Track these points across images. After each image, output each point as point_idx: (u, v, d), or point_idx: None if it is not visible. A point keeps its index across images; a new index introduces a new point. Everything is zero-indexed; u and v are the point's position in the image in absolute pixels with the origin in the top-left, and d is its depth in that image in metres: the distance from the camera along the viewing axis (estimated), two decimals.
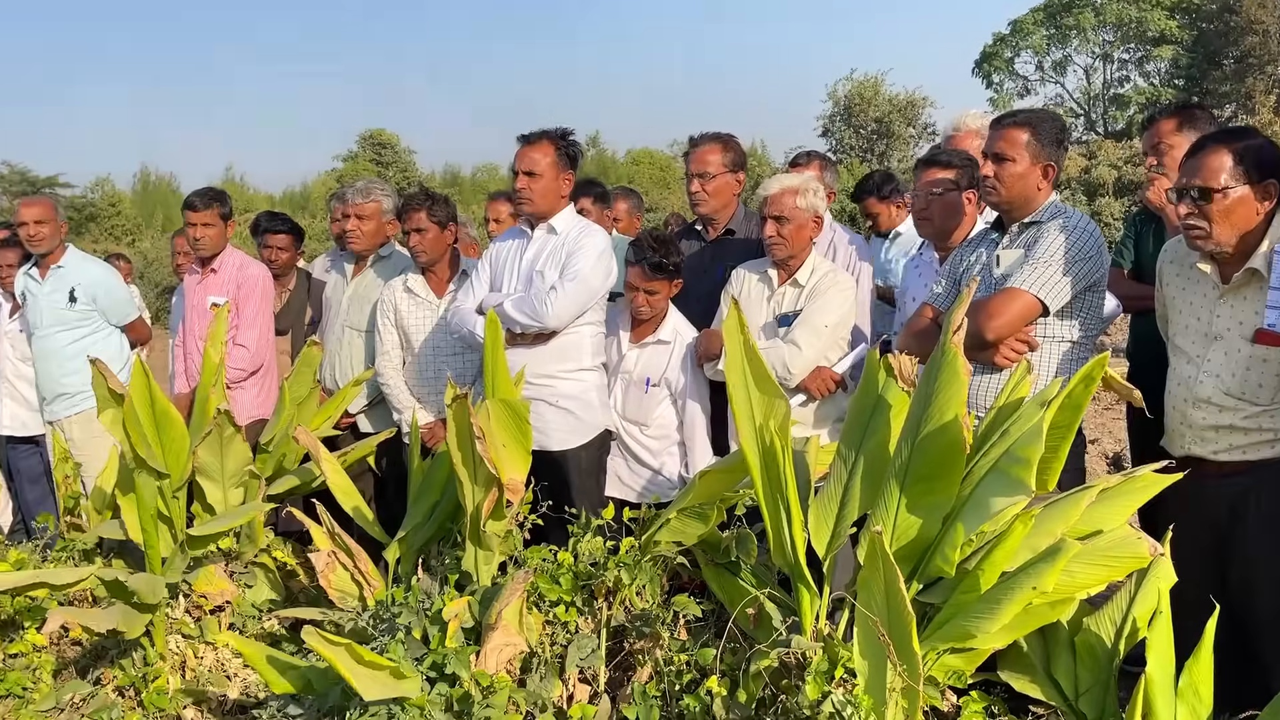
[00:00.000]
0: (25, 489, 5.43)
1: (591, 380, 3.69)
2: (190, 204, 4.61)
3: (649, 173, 42.44)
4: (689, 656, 2.67)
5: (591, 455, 3.66)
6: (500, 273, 3.79)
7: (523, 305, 3.56)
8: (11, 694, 3.47)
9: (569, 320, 3.58)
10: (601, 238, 3.70)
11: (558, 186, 3.67)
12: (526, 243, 3.76)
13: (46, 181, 36.97)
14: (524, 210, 3.71)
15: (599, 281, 3.63)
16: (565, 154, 3.66)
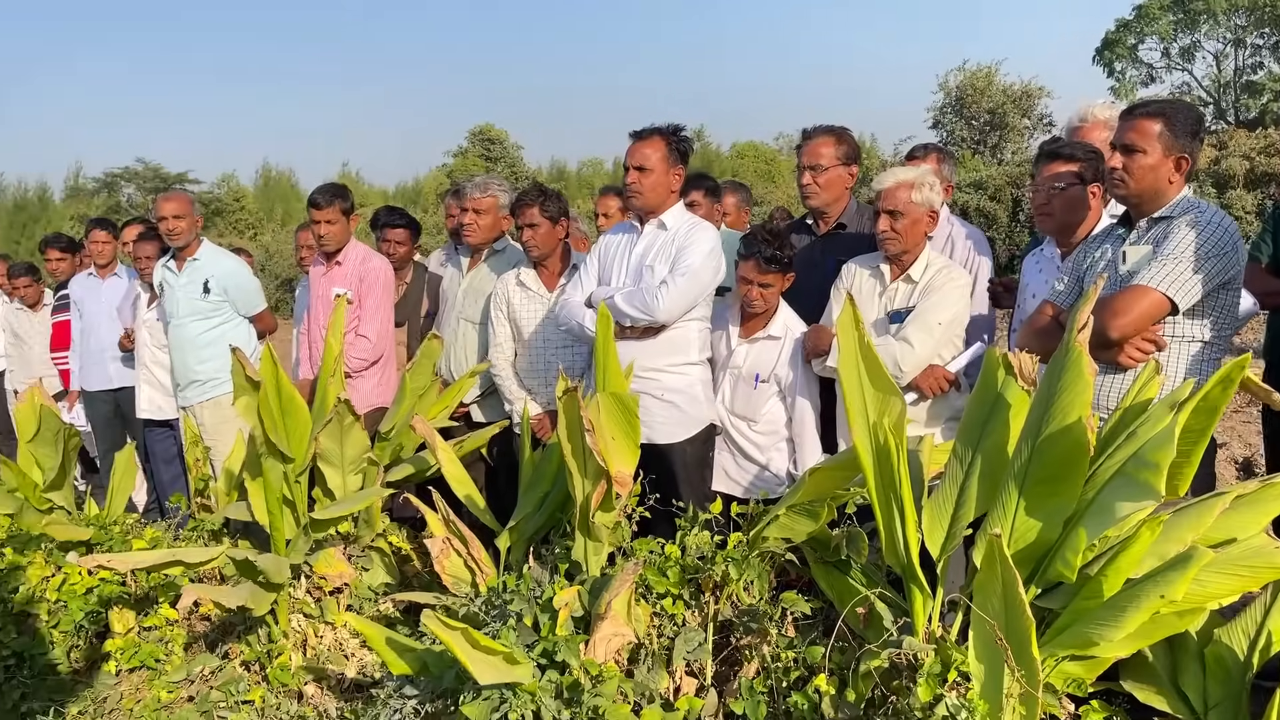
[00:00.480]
0: (160, 470, 5.72)
1: (697, 375, 3.70)
2: (314, 202, 4.76)
3: (753, 166, 42.14)
4: (796, 653, 2.66)
5: (697, 449, 3.66)
6: (609, 267, 3.82)
7: (633, 299, 3.58)
8: (146, 665, 3.67)
9: (679, 315, 3.59)
10: (711, 234, 3.70)
11: (667, 182, 3.68)
12: (636, 237, 3.78)
13: (177, 178, 38.86)
14: (634, 205, 3.73)
15: (709, 277, 3.64)
16: (676, 150, 3.66)
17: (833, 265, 3.72)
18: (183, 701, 3.51)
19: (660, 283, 3.57)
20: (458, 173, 39.67)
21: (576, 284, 3.87)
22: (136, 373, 5.67)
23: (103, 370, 5.96)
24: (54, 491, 4.26)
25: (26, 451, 4.22)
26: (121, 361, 5.93)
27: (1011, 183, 18.11)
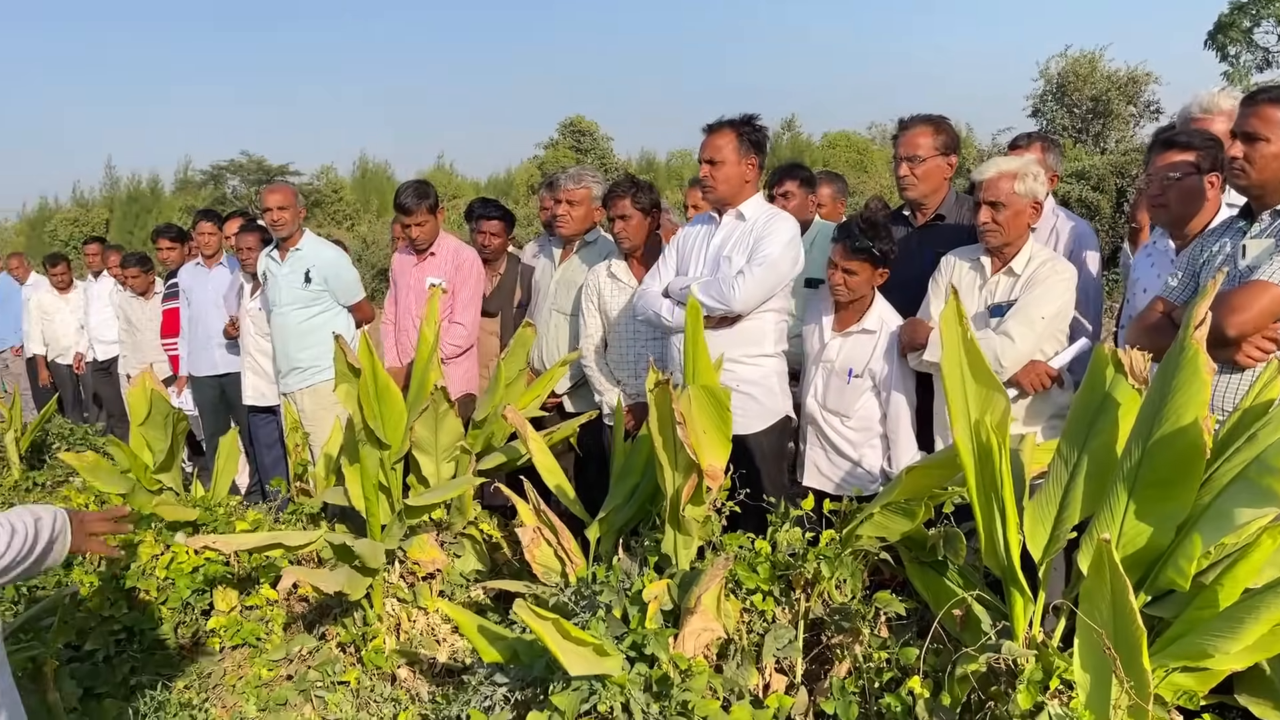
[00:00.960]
0: (263, 454, 5.91)
1: (772, 366, 3.69)
2: (403, 208, 4.86)
3: (845, 156, 41.51)
4: (890, 654, 2.61)
5: (773, 441, 3.63)
6: (687, 258, 3.83)
7: (710, 289, 3.59)
8: (247, 643, 3.79)
9: (755, 304, 3.59)
10: (790, 224, 3.67)
11: (741, 172, 3.66)
12: (714, 228, 3.78)
13: (279, 170, 40.02)
14: (709, 198, 3.74)
15: (786, 267, 3.61)
16: (748, 140, 3.64)
17: (930, 258, 3.63)
18: (281, 680, 3.61)
19: (737, 273, 3.56)
20: (548, 164, 40.02)
21: (655, 275, 3.89)
22: (241, 360, 5.86)
23: (209, 356, 6.18)
24: (163, 473, 4.43)
25: (138, 434, 4.40)
26: (226, 348, 6.14)
27: (1116, 172, 17.47)
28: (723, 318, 3.59)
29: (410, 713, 3.15)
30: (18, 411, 6.66)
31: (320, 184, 41.12)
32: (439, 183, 43.17)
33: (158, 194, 43.66)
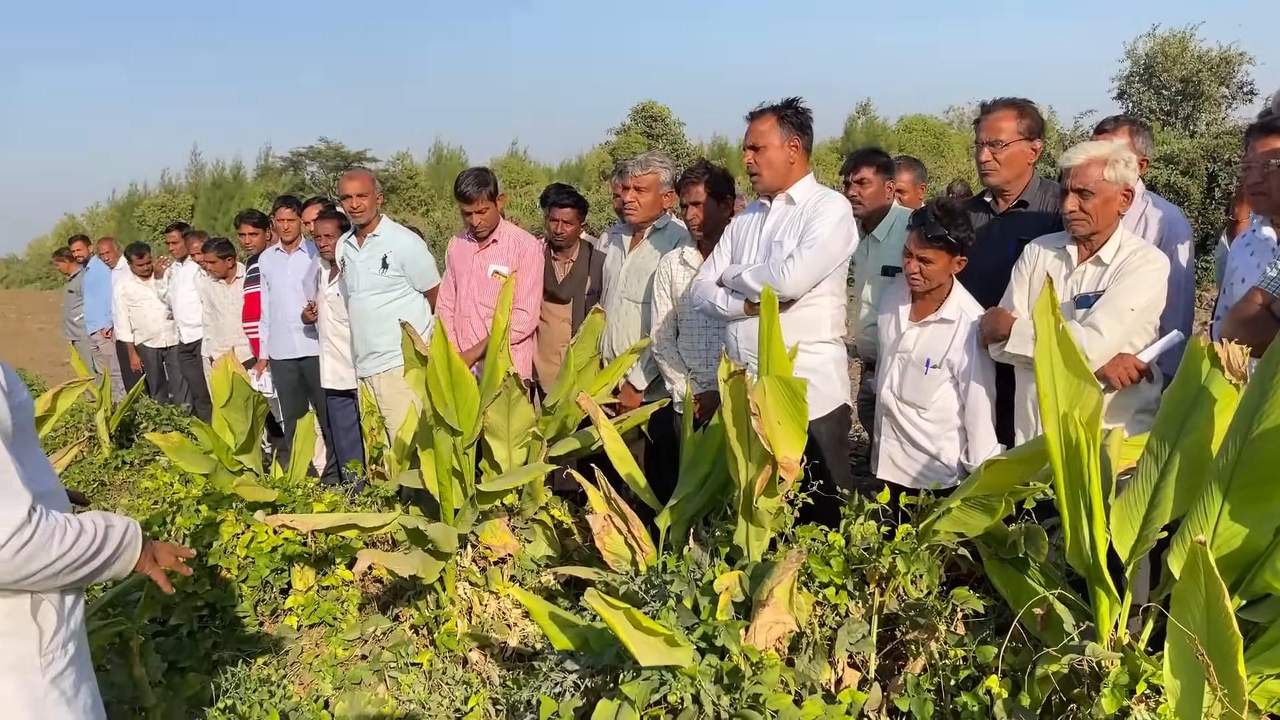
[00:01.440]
0: (340, 436, 6.02)
1: (830, 353, 3.66)
2: (464, 196, 4.92)
3: (922, 140, 40.73)
4: (966, 652, 2.55)
5: (832, 429, 3.59)
6: (741, 246, 3.80)
7: (760, 274, 3.56)
8: (324, 622, 3.86)
9: (806, 287, 3.54)
10: (840, 204, 3.61)
11: (786, 155, 3.62)
12: (765, 215, 3.75)
13: (356, 156, 40.75)
14: (757, 185, 3.71)
15: (838, 248, 3.56)
16: (790, 123, 3.60)
17: (1012, 246, 3.53)
18: (356, 659, 3.67)
19: (787, 257, 3.53)
20: (620, 150, 40.00)
21: (710, 264, 3.88)
22: (319, 344, 5.97)
23: (288, 340, 6.31)
24: (244, 454, 4.53)
25: (220, 416, 4.50)
26: (304, 332, 6.26)
27: (1207, 156, 16.82)
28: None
29: (481, 696, 3.18)
30: (108, 392, 6.89)
31: (396, 170, 41.75)
32: (512, 169, 43.68)
33: (240, 180, 44.82)
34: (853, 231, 3.63)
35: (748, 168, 3.70)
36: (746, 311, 3.66)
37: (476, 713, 3.10)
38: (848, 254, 3.66)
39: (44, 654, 1.69)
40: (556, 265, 5.09)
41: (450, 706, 3.21)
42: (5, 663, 1.64)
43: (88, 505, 2.24)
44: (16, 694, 1.64)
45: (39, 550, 1.59)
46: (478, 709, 3.12)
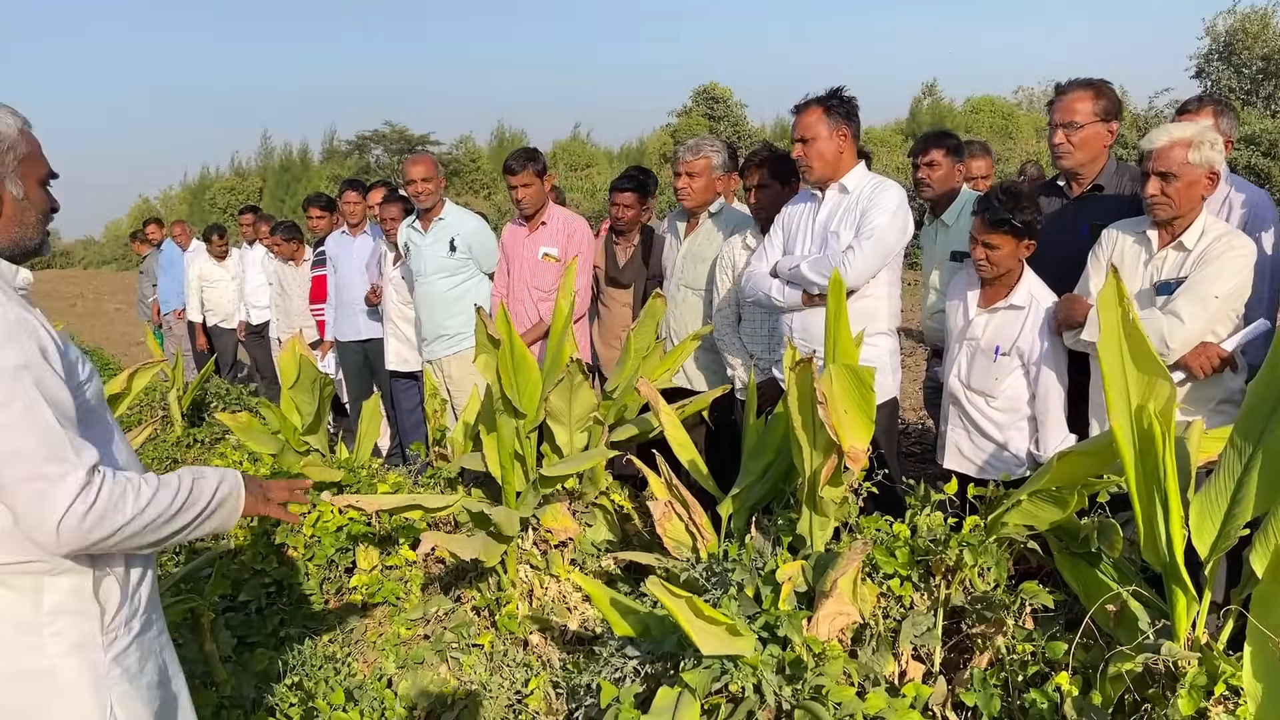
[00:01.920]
0: (404, 418, 6.09)
1: (886, 345, 3.67)
2: (509, 168, 4.99)
3: (989, 122, 39.88)
4: (1035, 647, 2.50)
5: (884, 420, 3.52)
6: (793, 236, 3.78)
7: (820, 266, 3.55)
8: (388, 601, 3.92)
9: (867, 278, 3.54)
10: (895, 192, 3.60)
11: (835, 146, 3.61)
12: (818, 204, 3.73)
13: (420, 139, 41.15)
14: (808, 178, 3.70)
15: (895, 238, 3.56)
16: (837, 112, 3.59)
17: (1086, 231, 3.42)
18: (419, 639, 3.72)
19: (846, 248, 3.52)
20: (681, 132, 39.78)
21: (761, 255, 3.86)
22: (384, 326, 6.04)
23: (354, 322, 6.40)
24: (310, 435, 4.61)
25: (287, 397, 4.58)
26: (368, 315, 6.34)
27: None
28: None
29: (542, 679, 3.19)
30: (180, 372, 7.05)
31: (459, 153, 42.06)
32: (573, 152, 43.72)
33: (307, 163, 45.53)
34: (908, 220, 3.63)
35: (798, 161, 3.69)
36: (804, 303, 3.63)
37: (537, 695, 3.12)
38: (904, 243, 3.65)
39: (106, 632, 1.72)
40: (618, 250, 5.08)
41: (511, 689, 3.23)
42: (68, 641, 1.67)
43: None
44: (79, 672, 1.67)
45: (110, 510, 1.58)
46: (538, 692, 3.14)
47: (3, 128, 1.71)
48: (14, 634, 1.64)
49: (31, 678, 1.64)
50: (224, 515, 1.84)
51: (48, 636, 1.65)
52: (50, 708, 1.66)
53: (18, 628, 1.65)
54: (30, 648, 1.65)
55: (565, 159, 41.61)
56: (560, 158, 42.30)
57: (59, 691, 1.66)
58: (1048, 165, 16.32)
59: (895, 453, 3.73)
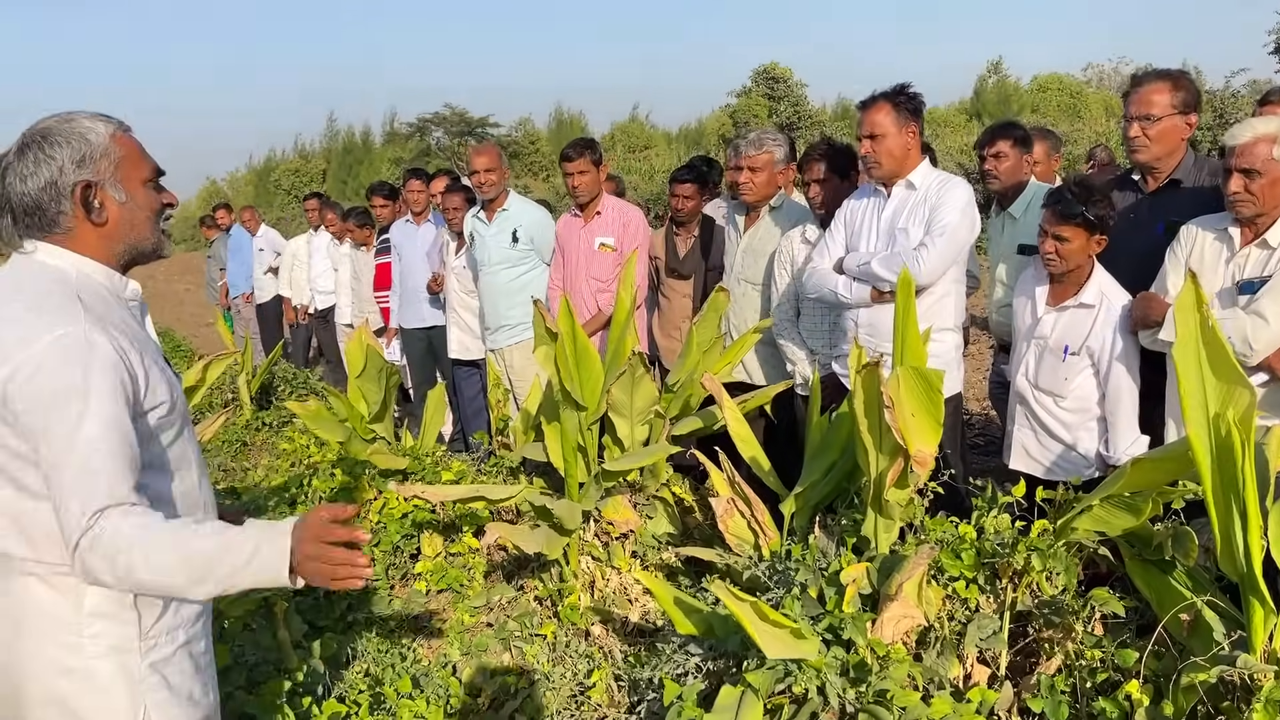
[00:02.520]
0: (465, 405, 6.16)
1: (952, 341, 3.66)
2: (566, 155, 5.05)
3: (1057, 100, 38.98)
4: (1104, 654, 2.46)
5: (947, 418, 3.47)
6: (857, 232, 3.76)
7: (891, 263, 3.52)
8: (451, 588, 3.99)
9: (939, 275, 3.53)
10: (964, 189, 3.59)
11: (904, 142, 3.60)
12: (883, 200, 3.70)
13: (479, 122, 41.36)
14: (875, 174, 3.67)
15: (965, 234, 3.56)
16: (905, 109, 3.58)
17: (1162, 228, 3.34)
18: (482, 626, 3.78)
19: (918, 245, 3.50)
20: (740, 113, 39.48)
21: (823, 251, 3.83)
22: (446, 315, 6.11)
23: (418, 310, 6.48)
24: (377, 423, 4.70)
25: (355, 386, 4.67)
26: (431, 303, 6.42)
27: None
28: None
29: (604, 671, 3.23)
30: (249, 356, 7.22)
31: (518, 135, 42.22)
32: (632, 134, 43.60)
33: (369, 145, 46.07)
34: (976, 217, 3.62)
35: (864, 158, 3.67)
36: (872, 299, 3.61)
37: (600, 687, 3.16)
38: (972, 239, 3.65)
39: (144, 638, 1.74)
40: (678, 240, 5.08)
41: (574, 679, 3.27)
42: (106, 644, 1.70)
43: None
44: (115, 675, 1.71)
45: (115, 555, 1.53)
46: (600, 684, 3.17)
47: (93, 137, 1.73)
48: (55, 631, 1.69)
49: (70, 675, 1.69)
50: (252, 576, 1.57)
51: (87, 638, 1.69)
52: (85, 706, 1.70)
53: (59, 626, 1.69)
54: (70, 647, 1.69)
55: (623, 140, 41.57)
56: (618, 139, 42.25)
57: (94, 691, 1.70)
58: (1117, 147, 15.89)
59: (960, 449, 3.69)
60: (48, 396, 1.59)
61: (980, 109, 40.59)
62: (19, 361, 1.60)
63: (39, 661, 1.69)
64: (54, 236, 1.74)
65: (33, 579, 1.69)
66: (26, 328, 1.62)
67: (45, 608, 1.69)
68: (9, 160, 1.73)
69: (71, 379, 1.60)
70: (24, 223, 1.74)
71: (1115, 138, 22.45)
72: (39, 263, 1.74)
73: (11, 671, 1.71)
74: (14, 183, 1.71)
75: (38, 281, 1.71)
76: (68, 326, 1.63)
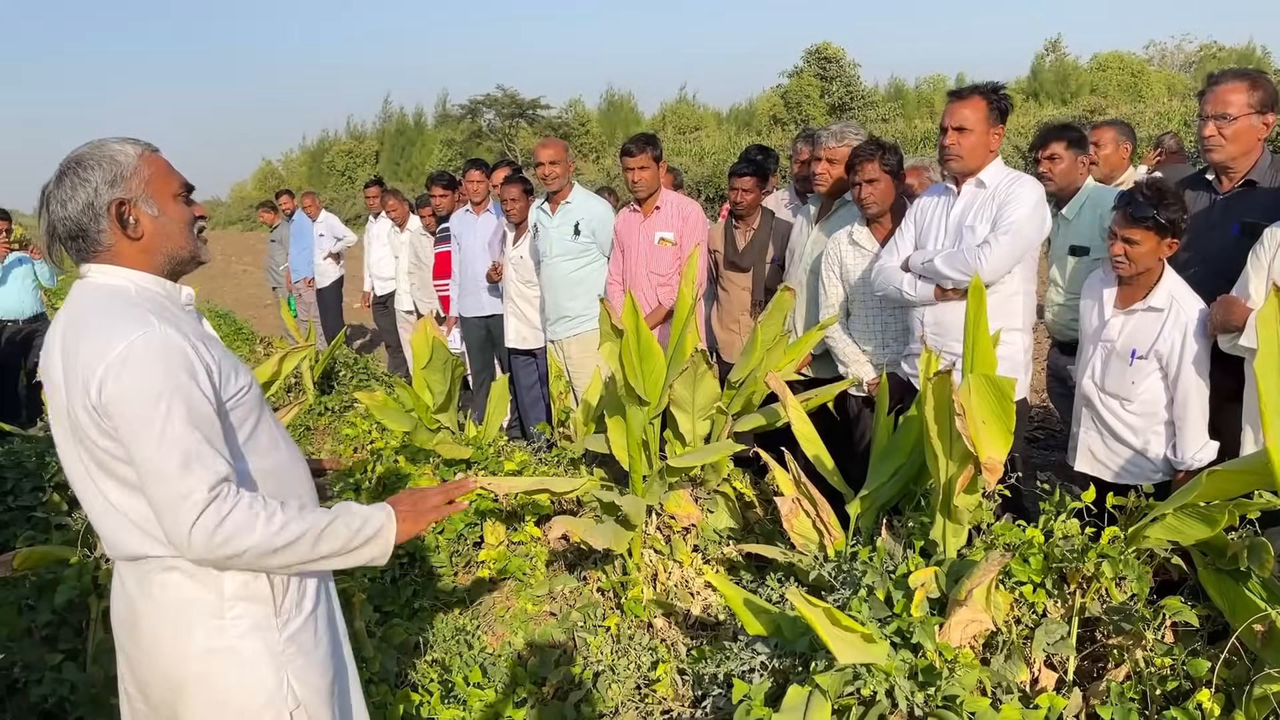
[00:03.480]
0: (522, 395, 6.25)
1: (1020, 343, 3.60)
2: (627, 150, 5.10)
3: (1117, 79, 38.17)
4: (1174, 662, 2.46)
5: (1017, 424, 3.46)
6: (926, 230, 3.74)
7: (954, 260, 3.50)
8: (514, 577, 4.07)
9: (1003, 273, 3.47)
10: (1034, 188, 3.54)
11: (987, 142, 3.56)
12: (953, 198, 3.67)
13: (530, 103, 41.48)
14: (952, 167, 3.62)
15: (1033, 233, 3.49)
16: (996, 109, 3.55)
17: (1236, 229, 3.29)
18: (545, 615, 3.86)
19: (981, 242, 3.46)
20: (791, 93, 39.15)
21: (892, 249, 3.82)
22: (504, 305, 6.19)
23: (477, 298, 6.57)
24: (442, 413, 4.78)
25: (420, 376, 4.76)
26: (489, 292, 6.51)
27: None
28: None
29: (669, 664, 3.28)
30: (313, 340, 7.36)
31: (568, 117, 42.28)
32: (681, 114, 43.45)
33: (421, 127, 46.44)
34: (1047, 216, 3.58)
35: (945, 149, 3.62)
36: (937, 297, 3.60)
37: (665, 681, 3.21)
38: (1041, 238, 3.59)
39: (279, 614, 1.88)
40: (737, 233, 5.09)
41: (638, 672, 3.33)
42: (246, 624, 1.84)
43: (324, 474, 2.43)
44: (259, 651, 1.85)
45: (236, 533, 1.71)
46: (666, 677, 3.23)
47: (122, 158, 1.84)
48: (202, 618, 1.82)
49: (216, 655, 1.82)
50: (373, 550, 1.91)
51: (229, 620, 1.83)
52: (232, 682, 1.84)
53: (205, 613, 1.82)
54: (215, 630, 1.83)
55: (673, 121, 41.47)
56: (668, 120, 42.14)
57: (241, 668, 1.84)
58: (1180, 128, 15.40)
59: (1025, 451, 3.68)
60: (135, 399, 1.68)
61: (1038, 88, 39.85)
62: (103, 373, 1.68)
63: (190, 648, 1.82)
64: (100, 257, 1.84)
65: (175, 573, 1.81)
66: (104, 342, 1.71)
67: (190, 598, 1.81)
68: (49, 189, 1.83)
69: (154, 379, 1.69)
70: (72, 248, 1.84)
71: (1178, 118, 21.93)
72: (95, 284, 1.83)
73: (163, 662, 1.84)
74: (56, 209, 1.81)
75: (98, 298, 1.80)
76: (142, 330, 1.71)
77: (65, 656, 3.17)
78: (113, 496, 1.78)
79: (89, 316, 1.77)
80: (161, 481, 1.69)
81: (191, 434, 1.70)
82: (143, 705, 1.92)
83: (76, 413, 1.73)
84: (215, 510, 1.69)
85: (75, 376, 1.72)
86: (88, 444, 1.75)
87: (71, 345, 1.75)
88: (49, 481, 4.71)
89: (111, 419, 1.69)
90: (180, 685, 1.83)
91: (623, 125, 42.79)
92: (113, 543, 1.84)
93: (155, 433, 1.68)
